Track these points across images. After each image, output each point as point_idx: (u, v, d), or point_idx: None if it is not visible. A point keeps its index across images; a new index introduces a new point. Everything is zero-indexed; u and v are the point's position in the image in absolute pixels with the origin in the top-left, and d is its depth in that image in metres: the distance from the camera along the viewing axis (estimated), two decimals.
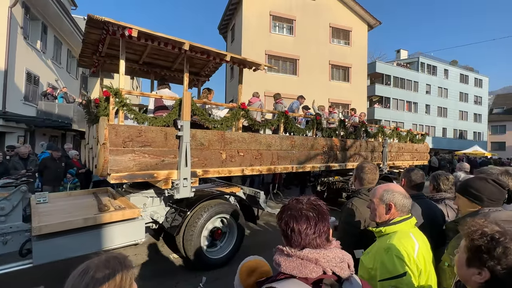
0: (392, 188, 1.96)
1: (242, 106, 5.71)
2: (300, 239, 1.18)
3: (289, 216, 1.22)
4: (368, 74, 29.32)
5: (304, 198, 1.29)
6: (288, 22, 24.63)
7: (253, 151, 5.82)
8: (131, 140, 4.42)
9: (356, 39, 26.68)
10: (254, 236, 7.02)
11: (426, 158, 11.48)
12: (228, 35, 27.89)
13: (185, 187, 4.85)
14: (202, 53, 5.15)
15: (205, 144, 5.18)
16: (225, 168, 5.44)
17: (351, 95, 26.27)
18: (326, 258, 1.15)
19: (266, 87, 23.03)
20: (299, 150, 6.62)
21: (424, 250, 1.79)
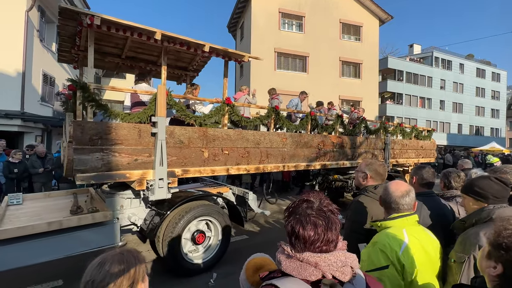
0: (387, 184, 2.05)
1: (226, 101, 5.29)
2: (304, 247, 1.11)
3: (295, 221, 1.14)
4: (379, 70, 28.45)
5: (316, 200, 1.18)
6: (298, 19, 24.07)
7: (239, 149, 5.39)
8: (100, 138, 4.05)
9: (367, 35, 25.85)
10: (262, 234, 6.89)
11: (433, 155, 10.75)
12: (237, 33, 27.54)
13: (161, 188, 4.47)
14: (181, 44, 4.75)
15: (184, 141, 4.79)
16: (207, 168, 5.04)
17: (362, 91, 25.49)
18: (327, 262, 1.08)
19: (275, 84, 22.25)
20: (292, 148, 6.14)
21: (417, 248, 1.79)
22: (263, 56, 22.50)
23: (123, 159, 4.23)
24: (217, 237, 5.13)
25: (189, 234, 4.88)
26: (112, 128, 4.16)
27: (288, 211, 1.21)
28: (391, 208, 1.96)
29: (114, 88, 4.57)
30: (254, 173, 7.85)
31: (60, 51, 5.47)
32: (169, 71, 6.51)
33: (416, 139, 9.91)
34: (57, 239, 3.87)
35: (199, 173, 4.96)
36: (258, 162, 5.65)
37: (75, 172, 3.86)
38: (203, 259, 5.01)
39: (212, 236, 5.14)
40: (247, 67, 23.73)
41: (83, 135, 3.93)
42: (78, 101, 4.07)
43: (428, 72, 34.01)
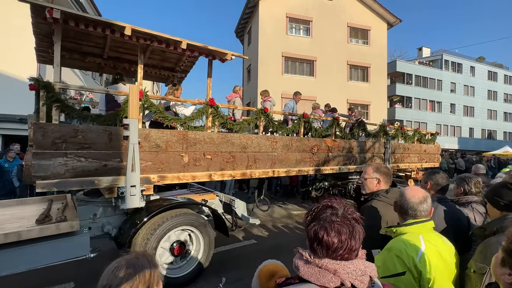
0: (403, 190, 2.00)
1: (210, 103, 4.89)
2: (326, 254, 1.07)
3: (320, 226, 1.09)
4: (388, 74, 27.70)
5: (340, 207, 1.14)
6: (305, 23, 23.70)
7: (223, 154, 4.97)
8: (64, 141, 3.69)
9: (375, 38, 25.27)
10: (271, 238, 6.74)
11: (437, 160, 10.07)
12: (244, 38, 27.30)
13: (133, 196, 4.05)
14: (158, 41, 4.37)
15: (161, 145, 4.39)
16: (187, 173, 4.63)
17: (371, 95, 24.87)
18: (346, 270, 1.05)
19: (282, 89, 22.20)
20: (282, 152, 5.69)
21: (434, 255, 1.72)
22: (270, 60, 22.47)
23: (91, 164, 3.85)
24: (199, 249, 4.72)
25: (167, 244, 4.49)
26: (79, 131, 3.79)
27: (310, 216, 1.15)
28: (407, 214, 1.90)
29: (83, 88, 4.20)
30: (261, 177, 7.42)
31: (38, 51, 5.18)
32: (156, 71, 6.17)
33: (419, 142, 9.32)
34: (16, 251, 3.52)
35: (177, 179, 4.56)
36: (245, 167, 5.22)
37: (34, 178, 3.51)
38: (180, 272, 4.59)
39: (193, 247, 4.73)
40: (254, 72, 23.45)
41: (44, 139, 3.58)
42: (41, 102, 3.72)
43: (437, 75, 33.01)
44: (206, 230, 4.70)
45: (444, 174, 2.85)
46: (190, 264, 4.65)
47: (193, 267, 4.66)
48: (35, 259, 3.66)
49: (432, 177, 2.83)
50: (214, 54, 4.87)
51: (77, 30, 4.49)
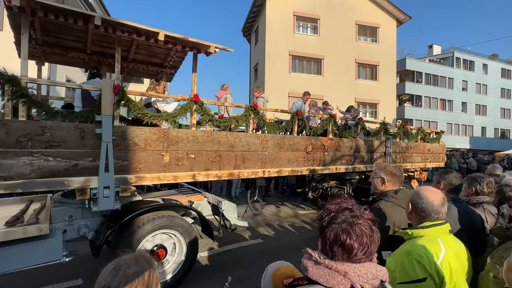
0: (419, 191, 1.90)
1: (194, 99, 4.56)
2: (348, 257, 1.03)
3: (340, 229, 1.04)
4: (397, 72, 26.96)
5: (357, 209, 1.10)
6: (312, 21, 23.23)
7: (209, 153, 4.64)
8: (30, 139, 3.41)
9: (384, 36, 24.57)
10: (277, 238, 6.65)
11: (442, 159, 9.47)
12: (252, 37, 26.98)
13: (106, 198, 3.78)
14: (134, 32, 4.05)
15: (140, 144, 4.08)
16: (168, 174, 4.31)
17: (379, 94, 24.22)
18: (357, 272, 1.02)
19: (289, 88, 21.85)
20: (274, 151, 5.32)
21: (453, 258, 1.64)
22: (277, 59, 22.07)
23: (60, 164, 3.56)
24: (181, 252, 4.41)
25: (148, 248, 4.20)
26: (47, 128, 3.51)
27: (327, 217, 1.10)
28: (429, 217, 1.79)
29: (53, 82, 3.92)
30: (268, 177, 7.11)
31: (18, 46, 4.93)
32: (143, 67, 5.87)
33: (423, 141, 8.80)
34: None
35: (158, 179, 4.24)
36: (232, 167, 4.88)
37: None
38: (162, 278, 4.29)
39: (176, 251, 4.43)
40: (261, 71, 23.13)
41: (8, 136, 3.29)
42: (6, 97, 3.46)
43: (448, 73, 31.94)
44: (188, 233, 4.39)
45: (457, 174, 2.75)
46: (173, 269, 4.35)
47: (176, 271, 4.37)
48: (2, 264, 3.41)
49: (445, 176, 2.72)
50: (197, 47, 4.54)
51: (55, 22, 4.24)
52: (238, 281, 4.46)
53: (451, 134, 31.68)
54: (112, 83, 3.79)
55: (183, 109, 4.53)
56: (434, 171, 12.97)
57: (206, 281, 4.57)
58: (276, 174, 5.40)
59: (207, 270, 4.97)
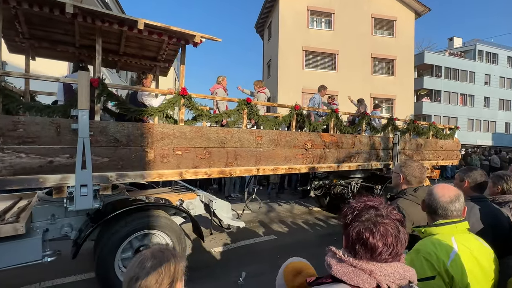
0: (433, 189, 1.81)
1: (181, 93, 4.29)
2: (371, 257, 0.99)
3: (364, 228, 1.01)
4: (415, 66, 25.83)
5: (382, 207, 1.06)
6: (327, 16, 22.55)
7: (197, 149, 4.36)
8: (1, 135, 3.22)
9: (402, 29, 23.56)
10: (291, 234, 6.56)
11: (456, 157, 8.82)
12: (264, 33, 26.52)
13: (83, 197, 3.57)
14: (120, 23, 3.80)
15: (122, 140, 3.85)
16: (152, 171, 4.06)
17: (396, 89, 23.29)
18: (383, 271, 0.98)
19: (303, 83, 21.36)
20: (269, 148, 4.98)
21: (468, 258, 1.54)
22: (290, 55, 21.58)
23: (33, 161, 3.37)
24: None
25: (131, 251, 3.98)
26: (20, 123, 3.32)
27: (351, 215, 1.07)
28: (436, 214, 1.74)
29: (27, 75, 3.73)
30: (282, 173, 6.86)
31: (7, 40, 4.80)
32: (136, 61, 5.65)
33: (435, 138, 8.21)
34: None
35: (141, 177, 4.01)
36: (223, 165, 4.59)
37: None
38: None
39: None
40: (274, 67, 22.73)
41: None
42: None
43: (470, 67, 30.39)
44: (176, 234, 4.14)
45: (482, 171, 2.60)
46: None
47: None
48: None
49: (469, 174, 2.55)
50: (181, 37, 4.25)
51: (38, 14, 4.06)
52: (252, 276, 4.36)
53: (472, 130, 30.28)
54: (88, 76, 3.57)
55: (170, 103, 4.27)
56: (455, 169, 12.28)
57: (221, 275, 4.56)
58: (271, 172, 5.08)
59: (222, 265, 4.95)
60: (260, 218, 7.68)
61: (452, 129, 8.96)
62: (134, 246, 4.00)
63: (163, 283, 1.07)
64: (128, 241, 3.92)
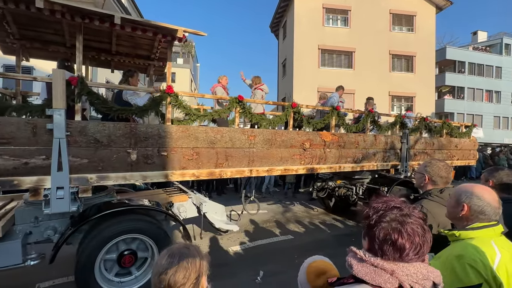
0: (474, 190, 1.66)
1: (167, 91, 4.07)
2: (399, 257, 0.98)
3: (392, 229, 1.00)
4: (436, 62, 24.64)
5: (407, 207, 1.05)
6: (343, 13, 21.92)
7: (184, 150, 4.13)
8: None
9: (422, 24, 22.51)
10: (308, 234, 6.46)
11: (473, 157, 8.06)
12: (279, 33, 26.14)
13: (59, 199, 3.41)
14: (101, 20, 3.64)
15: (102, 140, 3.66)
16: (135, 173, 3.85)
17: (416, 86, 22.26)
18: (405, 271, 0.97)
19: (319, 82, 20.85)
20: (263, 148, 4.68)
21: (510, 262, 1.46)
22: (306, 54, 21.12)
23: (7, 162, 3.23)
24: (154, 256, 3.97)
25: (115, 255, 3.80)
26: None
27: (375, 216, 1.06)
28: (478, 218, 1.59)
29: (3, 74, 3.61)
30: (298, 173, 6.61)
31: None
32: (129, 61, 5.49)
33: (450, 136, 7.58)
34: None
35: (123, 179, 3.81)
36: (213, 166, 4.33)
37: None
38: (137, 283, 3.89)
39: (149, 255, 3.99)
40: (289, 66, 22.34)
41: None
42: None
43: (496, 62, 28.60)
44: (160, 237, 3.92)
45: (509, 171, 2.51)
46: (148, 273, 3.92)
47: (147, 279, 3.94)
48: None
49: (495, 174, 2.49)
50: (162, 32, 4.01)
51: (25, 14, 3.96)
52: (269, 275, 4.42)
53: (499, 128, 28.57)
54: (63, 73, 3.40)
55: (155, 102, 4.06)
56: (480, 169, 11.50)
57: (238, 274, 4.52)
58: (265, 173, 4.78)
59: (239, 264, 4.91)
60: (276, 217, 7.61)
61: (468, 127, 8.27)
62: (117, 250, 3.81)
63: (190, 278, 1.11)
64: (109, 246, 3.73)
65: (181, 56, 28.78)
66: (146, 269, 3.98)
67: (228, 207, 8.29)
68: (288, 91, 22.06)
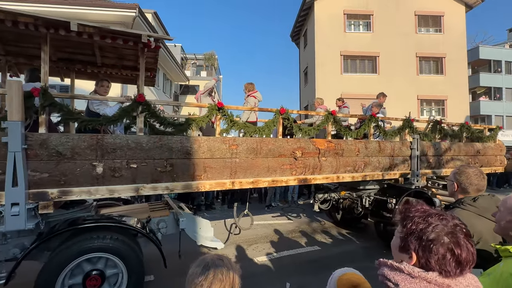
0: None
1: (138, 99, 3.78)
2: (459, 271, 0.93)
3: (454, 243, 0.94)
4: (468, 63, 22.94)
5: (450, 217, 1.01)
6: (365, 18, 21.14)
7: (157, 162, 3.79)
8: None
9: (450, 24, 21.08)
10: (335, 245, 6.16)
11: (500, 163, 6.95)
12: (300, 41, 25.73)
13: (14, 216, 3.18)
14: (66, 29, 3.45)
15: (64, 153, 3.42)
16: (102, 187, 3.56)
17: (447, 89, 20.76)
18: (459, 285, 0.93)
19: (342, 89, 20.07)
20: (248, 158, 4.23)
21: None
22: (328, 61, 20.48)
23: None
24: (123, 281, 3.64)
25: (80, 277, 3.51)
26: None
27: (425, 228, 0.98)
28: None
29: None
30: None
31: None
32: (116, 72, 5.31)
33: (470, 141, 6.62)
34: None
35: (88, 194, 3.52)
36: (190, 178, 3.95)
37: None
38: None
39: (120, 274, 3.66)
40: (311, 74, 21.81)
41: None
42: None
43: None
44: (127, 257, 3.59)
45: None
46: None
47: None
48: None
49: None
50: (127, 38, 3.72)
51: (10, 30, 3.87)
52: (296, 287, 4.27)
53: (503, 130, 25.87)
54: (19, 84, 3.21)
55: (125, 111, 3.78)
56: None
57: (265, 285, 4.40)
58: (251, 185, 4.31)
59: (266, 275, 4.78)
60: (301, 228, 7.37)
61: (493, 129, 7.23)
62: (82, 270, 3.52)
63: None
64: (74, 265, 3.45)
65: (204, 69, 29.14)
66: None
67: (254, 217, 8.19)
68: (310, 99, 21.48)
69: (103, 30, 3.42)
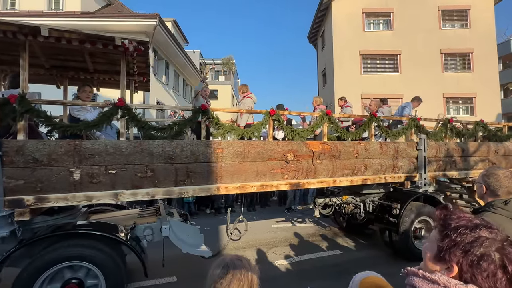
0: None
1: (118, 104, 3.65)
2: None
3: (508, 259, 0.84)
4: (499, 57, 21.40)
5: (497, 230, 0.91)
6: (384, 16, 20.35)
7: (137, 167, 3.64)
8: None
9: (477, 18, 19.76)
10: (358, 249, 5.96)
11: None
12: (318, 42, 25.21)
13: None
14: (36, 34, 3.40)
15: (41, 159, 3.34)
16: (79, 193, 3.44)
17: (475, 86, 19.44)
18: None
19: (362, 89, 19.46)
20: (234, 162, 3.99)
21: None
22: (346, 61, 19.87)
23: None
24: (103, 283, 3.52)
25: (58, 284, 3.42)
26: None
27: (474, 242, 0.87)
28: None
29: None
30: None
31: None
32: (109, 78, 5.26)
33: (486, 140, 5.94)
34: None
35: (64, 201, 3.42)
36: (172, 184, 3.76)
37: None
38: None
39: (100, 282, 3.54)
40: (330, 75, 21.27)
41: None
42: None
43: None
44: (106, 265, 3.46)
45: None
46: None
47: None
48: None
49: None
50: (104, 42, 3.62)
51: None
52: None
53: None
54: None
55: (105, 116, 3.67)
56: None
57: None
58: (238, 190, 4.06)
59: (286, 278, 4.72)
60: (322, 231, 7.23)
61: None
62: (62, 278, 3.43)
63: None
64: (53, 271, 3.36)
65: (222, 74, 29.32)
66: None
67: (272, 220, 8.27)
68: (329, 100, 20.92)
69: (76, 33, 3.33)
